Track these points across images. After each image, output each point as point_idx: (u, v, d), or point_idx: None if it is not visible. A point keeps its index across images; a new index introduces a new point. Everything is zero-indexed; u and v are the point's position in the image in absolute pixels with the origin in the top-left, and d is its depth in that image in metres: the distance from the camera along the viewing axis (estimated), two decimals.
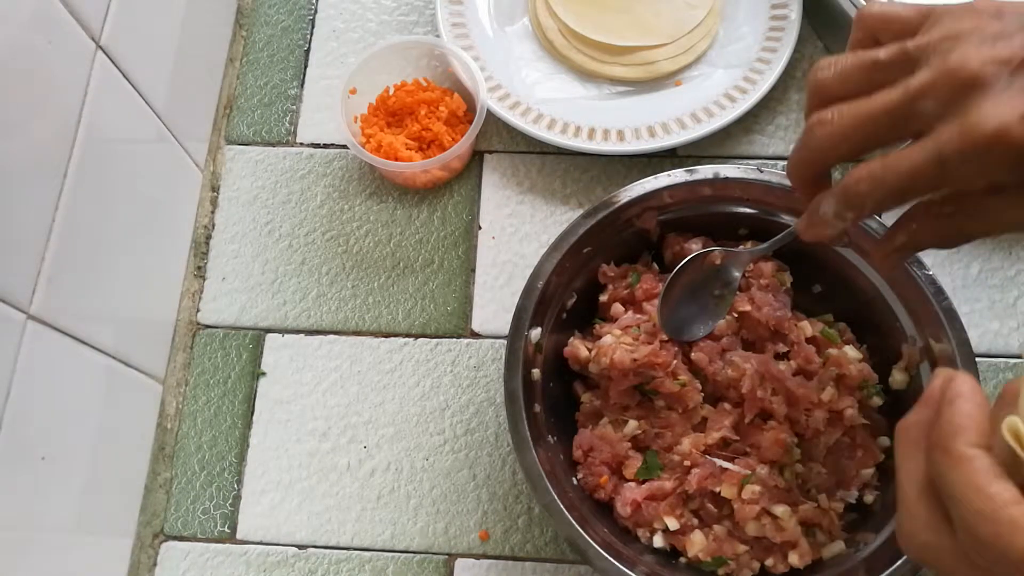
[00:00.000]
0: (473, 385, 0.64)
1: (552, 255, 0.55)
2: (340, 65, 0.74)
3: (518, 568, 0.59)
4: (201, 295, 0.68)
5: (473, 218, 0.68)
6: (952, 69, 0.34)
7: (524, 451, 0.50)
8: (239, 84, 0.75)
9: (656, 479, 0.53)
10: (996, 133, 0.33)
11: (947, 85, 0.34)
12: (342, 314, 0.66)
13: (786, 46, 0.68)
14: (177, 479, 0.63)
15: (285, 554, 0.60)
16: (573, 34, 0.70)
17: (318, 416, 0.64)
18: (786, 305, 0.56)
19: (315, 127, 0.73)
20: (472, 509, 0.61)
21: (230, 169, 0.72)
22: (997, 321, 0.63)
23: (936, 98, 0.35)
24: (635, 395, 0.55)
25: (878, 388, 0.55)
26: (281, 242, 0.69)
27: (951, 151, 0.34)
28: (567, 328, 0.57)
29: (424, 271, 0.67)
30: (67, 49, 0.52)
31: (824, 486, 0.53)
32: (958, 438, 0.28)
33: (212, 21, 0.73)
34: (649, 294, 0.57)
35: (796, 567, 0.50)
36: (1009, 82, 0.34)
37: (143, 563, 0.60)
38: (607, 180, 0.69)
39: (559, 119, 0.68)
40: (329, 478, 0.62)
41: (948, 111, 0.34)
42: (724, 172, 0.56)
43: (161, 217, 0.65)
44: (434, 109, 0.69)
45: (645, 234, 0.59)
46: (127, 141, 0.59)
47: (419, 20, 0.76)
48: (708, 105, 0.68)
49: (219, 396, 0.65)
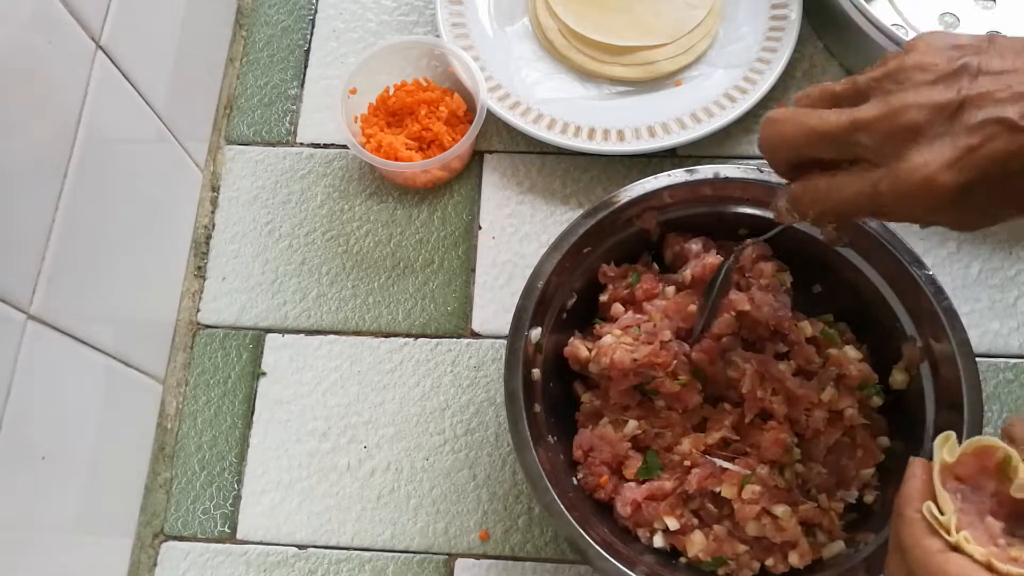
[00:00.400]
0: (473, 385, 0.64)
1: (552, 255, 0.55)
2: (340, 65, 0.74)
3: (518, 568, 0.59)
4: (201, 295, 0.68)
5: (473, 218, 0.68)
6: (891, 113, 0.37)
7: (524, 451, 0.50)
8: (239, 84, 0.75)
9: (656, 479, 0.53)
10: (924, 182, 0.36)
11: (885, 127, 0.37)
12: (342, 314, 0.66)
13: (786, 46, 0.68)
14: (177, 479, 0.63)
15: (285, 554, 0.60)
16: (573, 34, 0.70)
17: (318, 416, 0.64)
18: (786, 305, 0.56)
19: (315, 127, 0.73)
20: (472, 509, 0.61)
21: (230, 169, 0.72)
22: (997, 321, 0.63)
23: (874, 135, 0.38)
24: (635, 395, 0.55)
25: (878, 388, 0.55)
26: (281, 242, 0.69)
27: (884, 191, 0.37)
28: (567, 328, 0.57)
29: (424, 271, 0.67)
30: (67, 49, 0.52)
31: (824, 486, 0.53)
32: (908, 506, 0.36)
33: (212, 21, 0.73)
34: (649, 294, 0.57)
35: (796, 567, 0.50)
36: (944, 128, 0.36)
37: (143, 563, 0.60)
38: (607, 180, 0.69)
39: (559, 119, 0.68)
40: (329, 478, 0.62)
41: (885, 150, 0.37)
42: (724, 172, 0.56)
43: (161, 217, 0.65)
44: (434, 109, 0.69)
45: (645, 234, 0.59)
46: (127, 141, 0.59)
47: (419, 20, 0.76)
48: (708, 105, 0.68)
49: (219, 396, 0.65)
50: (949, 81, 0.37)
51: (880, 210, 0.39)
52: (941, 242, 0.65)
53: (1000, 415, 0.60)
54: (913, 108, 0.37)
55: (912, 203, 0.37)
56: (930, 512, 0.35)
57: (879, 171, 0.38)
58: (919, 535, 0.35)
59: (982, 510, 0.36)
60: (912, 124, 0.36)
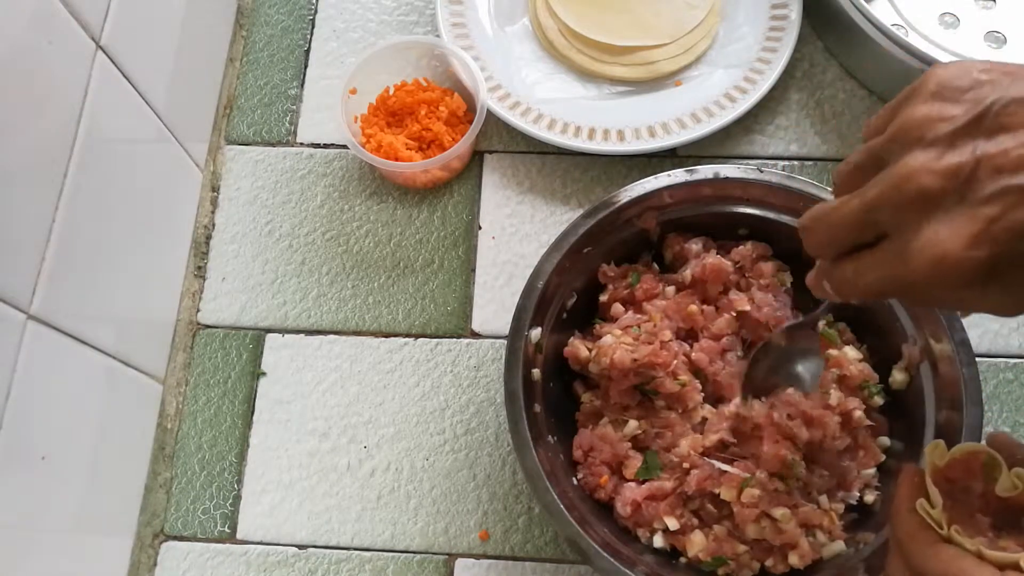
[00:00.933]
0: (473, 385, 0.64)
1: (552, 255, 0.55)
2: (340, 65, 0.74)
3: (518, 568, 0.59)
4: (201, 295, 0.68)
5: (473, 218, 0.68)
6: (899, 182, 0.33)
7: (524, 451, 0.50)
8: (239, 84, 0.75)
9: (656, 479, 0.53)
10: (939, 260, 0.32)
11: (895, 200, 0.33)
12: (342, 314, 0.66)
13: (786, 46, 0.68)
14: (177, 479, 0.63)
15: (285, 554, 0.60)
16: (573, 34, 0.70)
17: (318, 416, 0.64)
18: (786, 305, 0.56)
19: (315, 127, 0.73)
20: (472, 509, 0.61)
21: (230, 169, 0.72)
22: (997, 321, 0.62)
23: (888, 209, 0.34)
24: (635, 395, 0.55)
25: (878, 388, 0.55)
26: (281, 242, 0.69)
27: (900, 274, 0.34)
28: (567, 328, 0.57)
29: (424, 271, 0.67)
30: (67, 49, 0.52)
31: (825, 487, 0.53)
32: (901, 505, 0.39)
33: (212, 21, 0.73)
34: (649, 294, 0.57)
35: (796, 567, 0.50)
36: (958, 197, 0.32)
37: (143, 563, 0.60)
38: (607, 180, 0.69)
39: (559, 119, 0.68)
40: (329, 478, 0.62)
41: (902, 225, 0.33)
42: (724, 172, 0.56)
43: (161, 217, 0.65)
44: (434, 109, 0.69)
45: (645, 234, 0.59)
46: (127, 141, 0.59)
47: (419, 20, 0.76)
48: (708, 105, 0.68)
49: (219, 396, 0.65)
50: (963, 138, 0.32)
51: (908, 292, 0.34)
52: None
53: (1000, 415, 0.60)
54: (923, 174, 0.32)
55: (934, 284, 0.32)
56: (923, 508, 0.38)
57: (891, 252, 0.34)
58: (913, 530, 0.38)
59: (971, 509, 0.39)
60: (922, 193, 0.32)
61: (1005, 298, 0.33)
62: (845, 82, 0.70)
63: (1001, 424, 0.60)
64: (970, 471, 0.39)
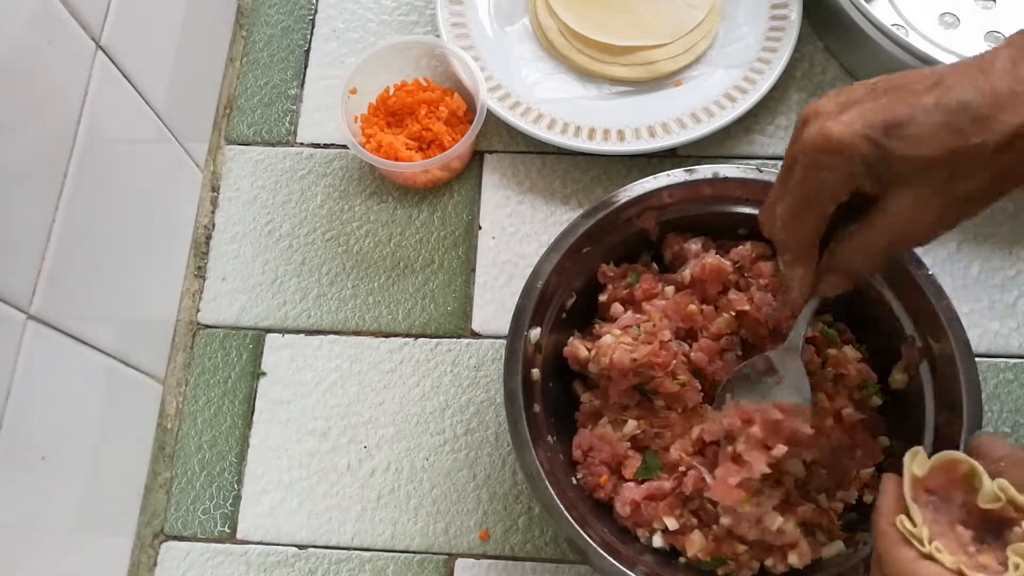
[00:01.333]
0: (473, 385, 0.64)
1: (552, 255, 0.55)
2: (340, 65, 0.74)
3: (518, 568, 0.59)
4: (201, 295, 0.68)
5: (473, 218, 0.69)
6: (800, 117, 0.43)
7: (524, 451, 0.50)
8: (239, 84, 0.75)
9: (655, 479, 0.53)
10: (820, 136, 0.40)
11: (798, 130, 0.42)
12: (342, 314, 0.66)
13: (786, 46, 0.68)
14: (177, 479, 0.63)
15: (285, 554, 0.60)
16: (573, 34, 0.70)
17: (318, 416, 0.64)
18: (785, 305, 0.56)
19: (315, 127, 0.73)
20: (472, 509, 0.61)
21: (230, 169, 0.72)
22: (997, 321, 0.63)
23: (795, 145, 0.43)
24: (635, 395, 0.55)
25: (878, 388, 0.55)
26: (281, 242, 0.69)
27: (798, 158, 0.42)
28: (567, 328, 0.57)
29: (424, 271, 0.67)
30: (67, 49, 0.52)
31: (824, 487, 0.53)
32: (881, 519, 0.39)
33: (212, 21, 0.73)
34: (648, 294, 0.57)
35: (796, 567, 0.50)
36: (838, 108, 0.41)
37: (143, 563, 0.60)
38: (607, 180, 0.69)
39: (559, 119, 0.68)
40: (329, 478, 0.62)
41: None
42: (724, 172, 0.56)
43: (161, 217, 0.65)
44: (434, 109, 0.69)
45: (645, 234, 0.59)
46: (127, 141, 0.59)
47: (419, 20, 0.76)
48: (708, 105, 0.68)
49: (219, 396, 0.65)
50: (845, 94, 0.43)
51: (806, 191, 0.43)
52: (941, 242, 0.65)
53: (1000, 415, 0.60)
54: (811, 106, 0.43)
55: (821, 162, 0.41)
56: (902, 524, 0.38)
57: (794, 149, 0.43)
58: (892, 546, 0.38)
59: (952, 520, 0.39)
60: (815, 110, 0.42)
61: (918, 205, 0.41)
62: (845, 82, 0.70)
63: (1001, 424, 0.60)
64: (951, 481, 0.39)
